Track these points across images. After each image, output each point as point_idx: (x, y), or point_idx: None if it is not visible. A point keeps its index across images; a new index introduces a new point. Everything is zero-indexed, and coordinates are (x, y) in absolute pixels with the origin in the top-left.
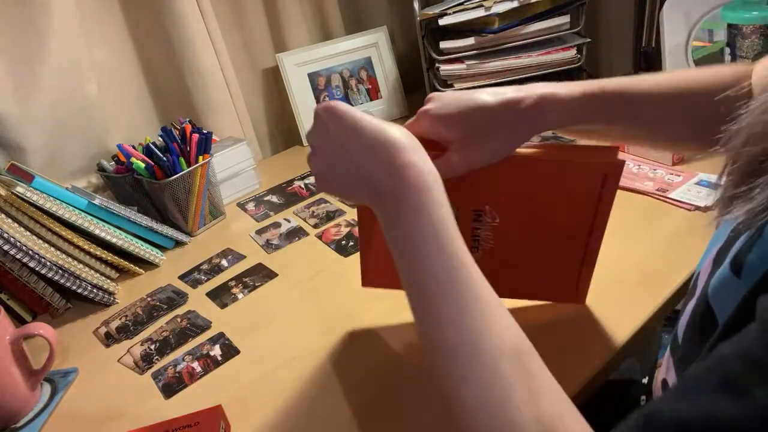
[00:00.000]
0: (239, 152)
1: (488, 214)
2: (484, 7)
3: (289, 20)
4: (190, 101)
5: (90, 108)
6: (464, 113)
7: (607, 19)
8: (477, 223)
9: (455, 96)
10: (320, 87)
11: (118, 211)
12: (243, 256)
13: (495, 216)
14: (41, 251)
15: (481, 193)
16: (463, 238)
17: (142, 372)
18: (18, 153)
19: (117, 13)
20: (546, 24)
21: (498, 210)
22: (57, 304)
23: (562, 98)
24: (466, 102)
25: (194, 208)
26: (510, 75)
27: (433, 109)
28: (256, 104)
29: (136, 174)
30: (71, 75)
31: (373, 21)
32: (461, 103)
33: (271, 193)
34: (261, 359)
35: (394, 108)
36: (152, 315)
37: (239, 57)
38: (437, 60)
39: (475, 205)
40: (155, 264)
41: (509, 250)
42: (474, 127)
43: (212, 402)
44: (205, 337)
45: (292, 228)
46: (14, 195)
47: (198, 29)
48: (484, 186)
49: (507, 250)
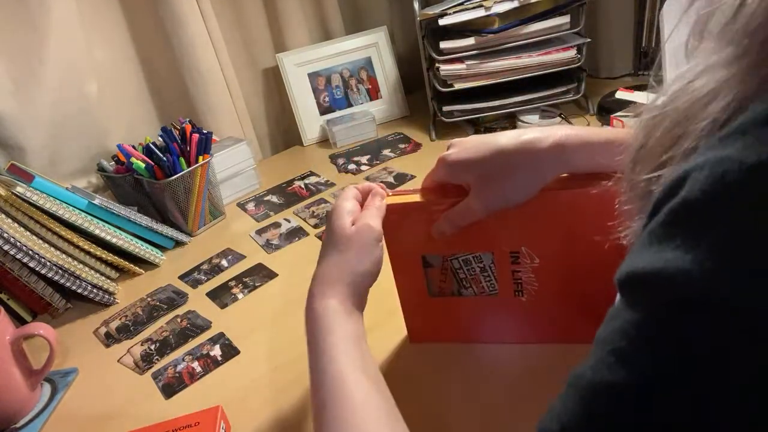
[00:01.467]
0: (239, 152)
1: (526, 256)
2: (484, 7)
3: (289, 20)
4: (190, 101)
5: (90, 108)
6: (481, 157)
7: (607, 19)
8: (516, 266)
9: (475, 140)
10: (320, 87)
11: (118, 211)
12: (243, 256)
13: (533, 257)
14: (41, 251)
15: (514, 234)
16: (504, 282)
17: (142, 372)
18: (18, 153)
19: (117, 13)
20: (546, 24)
21: (536, 250)
22: (57, 304)
23: (587, 140)
24: (484, 145)
25: (194, 208)
26: (510, 75)
27: (450, 155)
28: (256, 104)
29: (136, 174)
30: (71, 75)
31: (373, 21)
32: (479, 148)
33: (271, 193)
34: (261, 359)
35: (394, 108)
36: (152, 315)
37: (239, 57)
38: (437, 60)
39: (510, 247)
40: (155, 264)
41: (555, 290)
42: (490, 170)
43: (212, 402)
44: (205, 337)
45: (292, 228)
46: (14, 195)
47: (198, 29)
48: (517, 227)
49: (553, 291)
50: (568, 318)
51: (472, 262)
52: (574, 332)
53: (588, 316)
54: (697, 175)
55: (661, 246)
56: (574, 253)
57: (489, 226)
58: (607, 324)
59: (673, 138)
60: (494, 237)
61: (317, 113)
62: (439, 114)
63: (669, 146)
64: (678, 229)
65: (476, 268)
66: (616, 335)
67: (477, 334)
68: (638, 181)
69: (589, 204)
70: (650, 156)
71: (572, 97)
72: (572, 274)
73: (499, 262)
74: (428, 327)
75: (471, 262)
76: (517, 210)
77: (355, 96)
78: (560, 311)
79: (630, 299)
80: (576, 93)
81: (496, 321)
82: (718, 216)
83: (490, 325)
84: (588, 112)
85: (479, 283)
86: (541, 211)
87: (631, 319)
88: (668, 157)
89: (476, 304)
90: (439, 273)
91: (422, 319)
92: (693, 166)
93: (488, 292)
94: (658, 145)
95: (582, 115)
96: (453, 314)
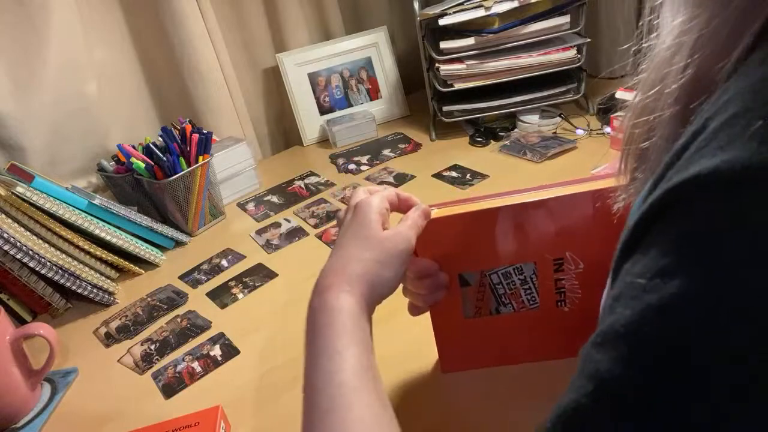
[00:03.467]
0: (239, 152)
1: (570, 262)
2: (484, 7)
3: (289, 20)
4: (190, 101)
5: (90, 108)
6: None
7: (607, 19)
8: (560, 273)
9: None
10: (320, 87)
11: (118, 211)
12: (243, 256)
13: (578, 262)
14: (41, 251)
15: (558, 240)
16: (545, 293)
17: (142, 372)
18: (18, 153)
19: (117, 13)
20: (546, 24)
21: (580, 254)
22: (57, 304)
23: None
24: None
25: (194, 208)
26: (510, 75)
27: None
28: (256, 104)
29: (136, 174)
30: (71, 75)
31: (373, 21)
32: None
33: (271, 193)
34: (261, 359)
35: (394, 108)
36: (152, 315)
37: (239, 57)
38: (437, 60)
39: (554, 254)
40: (155, 264)
41: (599, 296)
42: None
43: (212, 402)
44: (205, 337)
45: (292, 228)
46: (14, 195)
47: (198, 29)
48: (561, 233)
49: (597, 298)
50: None
51: (512, 275)
52: None
53: None
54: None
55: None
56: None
57: (531, 234)
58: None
59: (654, 83)
60: (537, 245)
61: (317, 113)
62: (439, 114)
63: (653, 94)
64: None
65: (516, 281)
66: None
67: (515, 354)
68: (635, 134)
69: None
70: (642, 110)
71: (572, 97)
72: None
73: (541, 272)
74: (463, 353)
75: (511, 275)
76: (560, 214)
77: (355, 96)
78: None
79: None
80: (576, 93)
81: (536, 337)
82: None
83: (530, 342)
84: (588, 112)
85: (519, 297)
86: (583, 213)
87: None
88: (653, 100)
89: (515, 322)
90: (476, 291)
91: (457, 345)
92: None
93: (528, 306)
94: (647, 89)
95: (582, 115)
96: (490, 336)
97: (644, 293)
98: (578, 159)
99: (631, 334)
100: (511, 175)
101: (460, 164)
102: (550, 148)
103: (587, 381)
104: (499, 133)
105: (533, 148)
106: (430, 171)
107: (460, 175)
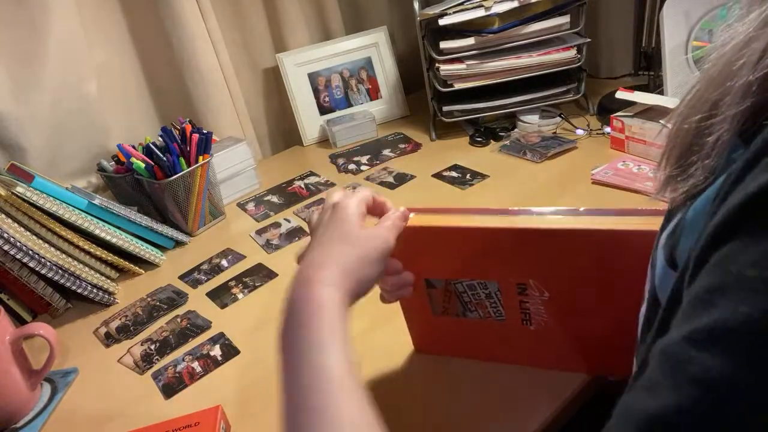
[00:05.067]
0: (239, 152)
1: (534, 289)
2: (484, 7)
3: (289, 20)
4: (190, 101)
5: (90, 108)
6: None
7: (607, 19)
8: (523, 296)
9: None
10: (320, 87)
11: (118, 211)
12: (243, 256)
13: (543, 290)
14: (41, 251)
15: (518, 269)
16: (511, 310)
17: (142, 372)
18: (18, 153)
19: (117, 13)
20: (546, 24)
21: (544, 285)
22: (57, 304)
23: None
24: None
25: (194, 208)
26: (510, 75)
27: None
28: (256, 104)
29: (136, 174)
30: (71, 75)
31: (373, 21)
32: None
33: (271, 193)
34: (261, 359)
35: (394, 108)
36: (152, 315)
37: (239, 57)
38: (437, 60)
39: (516, 279)
40: (155, 264)
41: (565, 323)
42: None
43: (212, 402)
44: (205, 337)
45: (292, 228)
46: (14, 195)
47: (198, 29)
48: (522, 262)
49: (563, 324)
50: (576, 350)
51: (477, 288)
52: (581, 363)
53: (591, 350)
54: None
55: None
56: (584, 293)
57: (495, 257)
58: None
59: (721, 80)
60: (500, 268)
61: (317, 113)
62: (439, 114)
63: (717, 88)
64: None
65: (481, 294)
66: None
67: (483, 353)
68: (686, 128)
69: (601, 243)
70: (700, 102)
71: (572, 97)
72: (583, 311)
73: (505, 292)
74: (433, 341)
75: (476, 288)
76: (523, 246)
77: (355, 96)
78: (568, 343)
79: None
80: (576, 93)
81: (502, 343)
82: None
83: (497, 346)
84: (588, 112)
85: (485, 308)
86: (548, 248)
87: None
88: (717, 98)
89: (482, 327)
90: (442, 294)
91: (427, 334)
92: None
93: (494, 317)
94: (708, 87)
95: (582, 115)
96: (458, 333)
97: (765, 286)
98: (578, 159)
99: (755, 332)
100: (511, 175)
101: (460, 164)
102: (550, 148)
103: (690, 385)
104: (499, 133)
105: (533, 148)
106: (430, 171)
107: (460, 175)
